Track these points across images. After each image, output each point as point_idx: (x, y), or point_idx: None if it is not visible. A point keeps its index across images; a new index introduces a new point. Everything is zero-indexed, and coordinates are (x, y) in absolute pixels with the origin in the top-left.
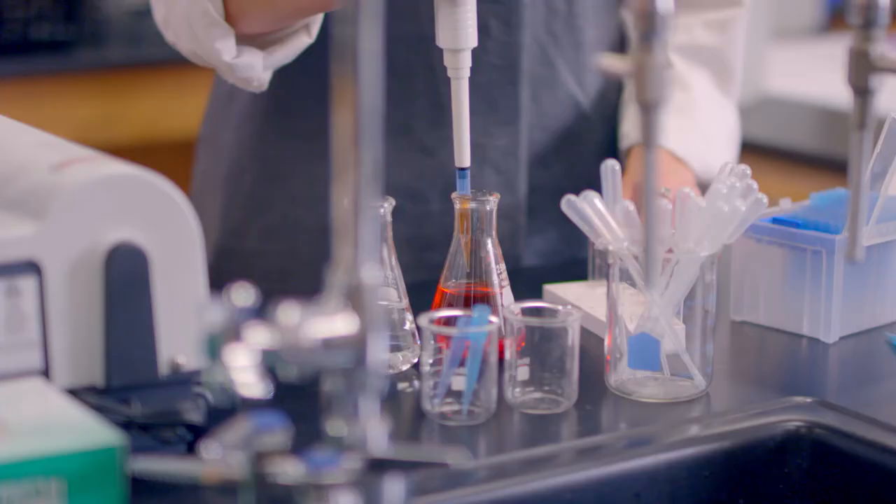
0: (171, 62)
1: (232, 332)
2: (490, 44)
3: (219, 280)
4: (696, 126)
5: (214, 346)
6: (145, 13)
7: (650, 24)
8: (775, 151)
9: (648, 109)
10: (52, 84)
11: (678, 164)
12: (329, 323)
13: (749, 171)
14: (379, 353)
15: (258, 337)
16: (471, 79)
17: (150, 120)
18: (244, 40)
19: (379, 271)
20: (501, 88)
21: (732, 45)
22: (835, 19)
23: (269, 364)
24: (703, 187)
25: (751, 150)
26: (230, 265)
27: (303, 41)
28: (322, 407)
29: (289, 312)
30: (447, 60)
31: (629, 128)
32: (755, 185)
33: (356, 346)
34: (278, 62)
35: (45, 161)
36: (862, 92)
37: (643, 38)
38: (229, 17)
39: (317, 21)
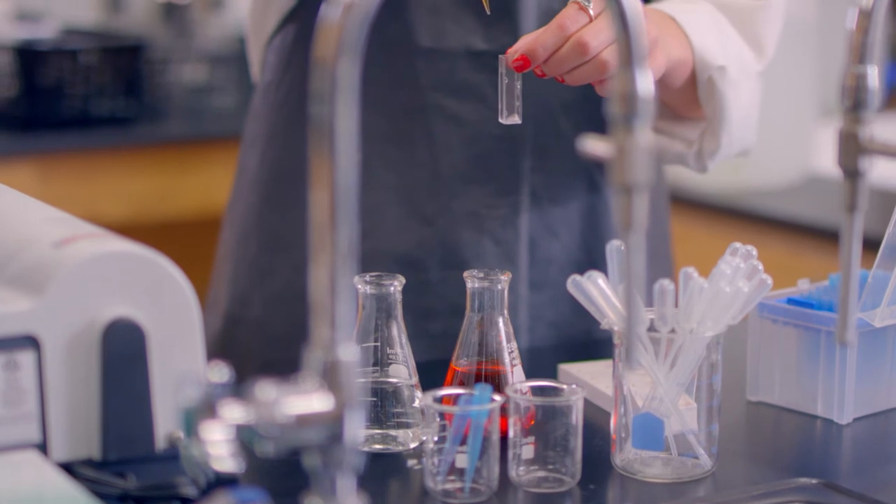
0: (228, 138)
1: (208, 408)
2: (489, 113)
3: (226, 347)
4: (702, 9)
5: (190, 422)
6: (204, 90)
7: (631, 107)
8: (823, 232)
9: (629, 193)
10: (111, 158)
11: (673, 23)
12: (306, 400)
13: (755, 252)
14: (356, 430)
15: (234, 413)
16: (469, 149)
17: (207, 194)
18: None
19: (355, 349)
20: (501, 158)
21: (765, 14)
22: (892, 98)
23: (246, 440)
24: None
25: (798, 230)
26: (237, 333)
27: None
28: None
29: (265, 389)
30: None
31: None
32: (760, 266)
33: (333, 423)
34: None
35: (49, 237)
36: (852, 174)
37: (624, 121)
38: None
39: None
